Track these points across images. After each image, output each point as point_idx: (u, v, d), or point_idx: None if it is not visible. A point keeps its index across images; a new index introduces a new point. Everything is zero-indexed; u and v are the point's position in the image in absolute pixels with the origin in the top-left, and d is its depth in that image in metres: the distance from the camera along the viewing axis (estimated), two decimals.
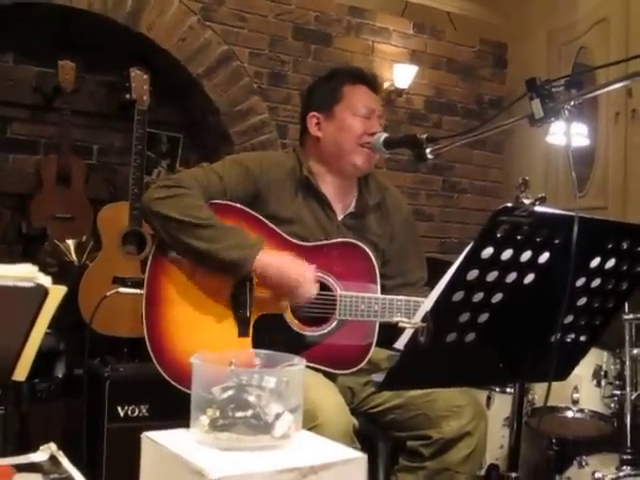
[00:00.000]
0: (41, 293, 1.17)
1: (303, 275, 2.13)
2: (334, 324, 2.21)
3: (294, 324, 2.20)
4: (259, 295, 2.18)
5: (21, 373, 1.31)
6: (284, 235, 2.24)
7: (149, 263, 2.20)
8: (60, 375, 3.52)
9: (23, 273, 1.15)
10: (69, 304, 3.01)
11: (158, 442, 1.25)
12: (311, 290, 2.15)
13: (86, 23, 3.87)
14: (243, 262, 2.09)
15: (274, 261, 2.12)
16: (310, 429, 1.75)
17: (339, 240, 2.29)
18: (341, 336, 2.21)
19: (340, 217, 2.38)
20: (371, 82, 2.43)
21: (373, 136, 2.32)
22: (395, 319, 2.10)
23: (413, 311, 2.18)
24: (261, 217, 2.24)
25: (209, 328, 2.16)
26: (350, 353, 2.21)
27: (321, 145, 2.38)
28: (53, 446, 1.44)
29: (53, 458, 1.42)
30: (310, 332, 2.21)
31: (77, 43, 3.94)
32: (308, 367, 2.03)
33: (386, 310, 2.19)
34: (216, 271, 2.15)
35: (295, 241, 2.24)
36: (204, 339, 2.15)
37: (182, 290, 2.17)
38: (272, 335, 2.14)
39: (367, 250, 2.26)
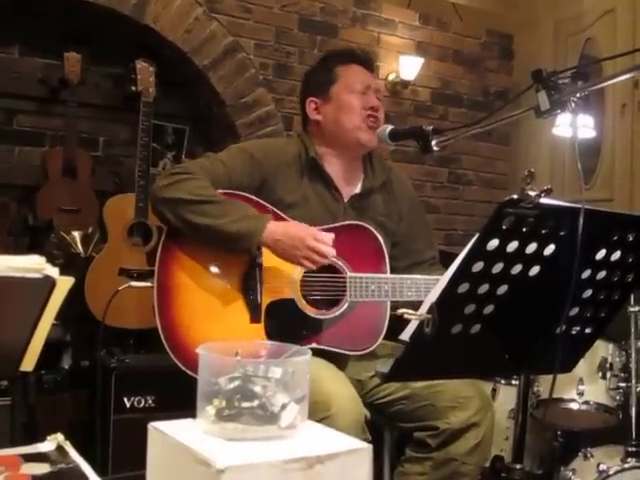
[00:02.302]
0: (49, 284, 1.18)
1: (315, 233, 2.12)
2: (345, 306, 2.21)
3: (305, 308, 2.20)
4: (269, 281, 2.19)
5: (29, 364, 1.32)
6: (291, 220, 2.24)
7: (159, 253, 2.21)
8: (66, 366, 3.54)
9: (31, 264, 1.15)
10: (75, 296, 3.02)
11: (165, 432, 1.26)
12: (328, 249, 2.11)
13: (92, 15, 3.86)
14: (252, 232, 2.10)
15: (283, 226, 2.14)
16: (324, 419, 1.77)
17: (346, 223, 2.30)
18: (353, 318, 2.22)
19: (346, 199, 2.39)
20: (364, 61, 2.46)
21: (373, 110, 2.34)
22: (400, 311, 2.10)
23: (424, 290, 2.19)
24: (267, 204, 2.25)
25: (221, 315, 2.17)
26: (362, 334, 2.22)
27: (323, 128, 2.40)
28: (60, 436, 1.45)
29: (60, 448, 1.43)
30: (322, 315, 2.21)
31: (83, 35, 3.94)
32: (321, 350, 2.05)
33: (396, 289, 2.20)
34: (227, 248, 2.16)
35: None
36: (216, 326, 2.16)
37: (193, 278, 2.18)
38: (284, 320, 2.15)
39: (374, 231, 2.27)
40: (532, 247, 1.41)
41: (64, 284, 1.21)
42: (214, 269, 2.20)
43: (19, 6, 3.70)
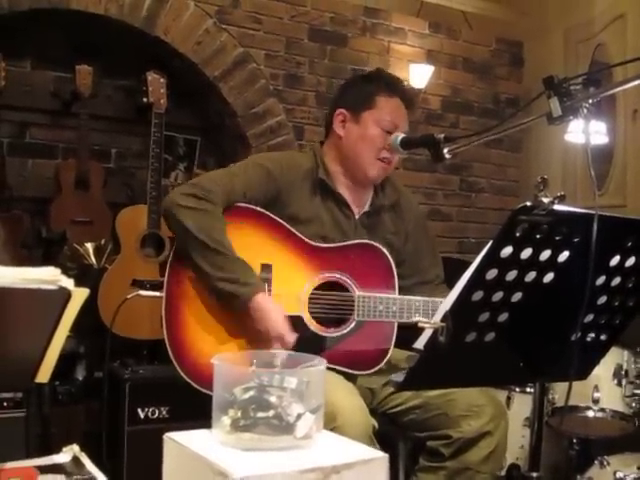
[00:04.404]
0: (64, 296, 1.18)
1: (282, 338, 2.11)
2: (352, 325, 2.21)
3: (313, 325, 2.21)
4: (277, 297, 2.19)
5: (44, 376, 1.32)
6: (302, 237, 2.24)
7: (169, 265, 2.21)
8: (80, 378, 3.55)
9: (46, 276, 1.16)
10: (88, 307, 3.03)
11: (180, 443, 1.26)
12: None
13: (103, 28, 3.89)
14: (235, 298, 2.10)
15: (264, 310, 2.11)
16: (330, 431, 1.76)
17: (356, 241, 2.29)
18: (360, 337, 2.21)
19: (357, 216, 2.39)
20: (406, 96, 2.43)
21: (390, 151, 2.32)
22: (414, 319, 2.10)
23: (431, 311, 2.18)
24: (279, 220, 2.25)
25: (228, 329, 2.17)
26: (369, 353, 2.21)
27: (341, 145, 2.39)
28: (76, 447, 1.45)
29: (76, 459, 1.43)
30: (329, 333, 2.21)
31: (94, 48, 3.97)
32: (327, 368, 2.04)
33: (404, 310, 2.20)
34: (209, 291, 2.16)
35: (313, 243, 2.25)
36: (223, 340, 2.16)
37: (202, 292, 2.18)
38: None
39: (384, 251, 2.26)
40: (546, 254, 1.40)
41: (79, 295, 1.21)
42: None
43: (30, 20, 3.73)
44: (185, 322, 2.18)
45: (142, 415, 3.16)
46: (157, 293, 2.29)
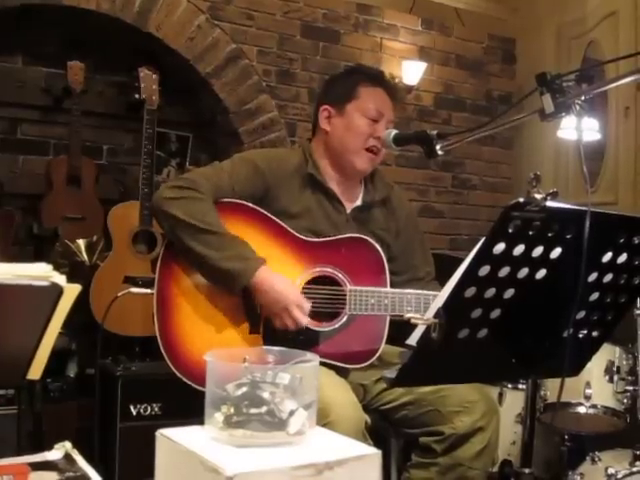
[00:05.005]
0: (56, 292, 1.18)
1: (299, 302, 2.13)
2: (344, 319, 2.21)
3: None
4: None
5: (36, 372, 1.31)
6: (293, 232, 2.24)
7: (159, 261, 2.21)
8: (72, 374, 3.54)
9: (39, 272, 1.15)
10: (80, 304, 3.01)
11: (173, 439, 1.25)
12: (302, 319, 2.14)
13: (95, 24, 3.87)
14: (241, 275, 2.09)
15: (272, 279, 2.12)
16: (322, 427, 1.76)
17: (347, 235, 2.29)
18: (352, 331, 2.21)
19: (348, 210, 2.40)
20: (389, 87, 2.44)
21: (378, 140, 2.33)
22: (407, 315, 2.10)
23: (423, 304, 2.19)
24: (270, 215, 2.25)
25: (220, 325, 2.17)
26: (360, 348, 2.21)
27: (328, 139, 2.40)
28: (68, 444, 1.45)
29: (68, 456, 1.43)
30: (321, 327, 2.21)
31: (86, 44, 3.95)
32: (320, 363, 2.04)
33: (396, 304, 2.20)
34: (212, 281, 2.16)
35: (304, 237, 2.25)
36: (215, 336, 2.16)
37: (193, 288, 2.18)
38: (283, 331, 2.15)
39: (375, 245, 2.27)
40: (538, 250, 1.40)
41: (71, 292, 1.21)
42: None
43: (22, 15, 3.72)
44: (177, 318, 2.17)
45: (134, 412, 3.16)
46: (149, 290, 2.29)
